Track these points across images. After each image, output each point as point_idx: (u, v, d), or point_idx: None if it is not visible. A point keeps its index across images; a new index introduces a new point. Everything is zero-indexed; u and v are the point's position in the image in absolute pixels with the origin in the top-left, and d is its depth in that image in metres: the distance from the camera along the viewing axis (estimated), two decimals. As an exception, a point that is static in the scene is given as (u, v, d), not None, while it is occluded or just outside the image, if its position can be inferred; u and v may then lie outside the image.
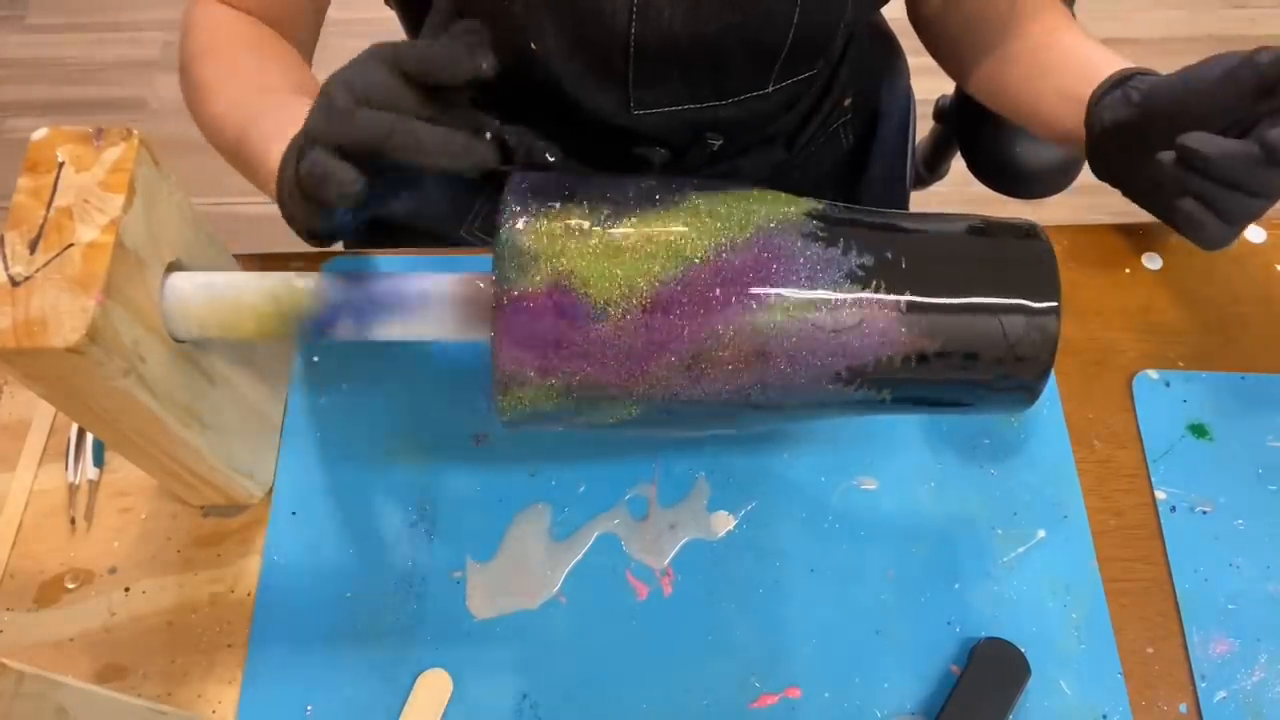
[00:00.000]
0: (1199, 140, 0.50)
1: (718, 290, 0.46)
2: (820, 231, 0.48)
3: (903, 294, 0.47)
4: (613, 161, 0.72)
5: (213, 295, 0.49)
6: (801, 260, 0.47)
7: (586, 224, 0.46)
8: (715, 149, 0.71)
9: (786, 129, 0.76)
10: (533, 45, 0.61)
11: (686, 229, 0.46)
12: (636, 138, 0.69)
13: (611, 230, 0.46)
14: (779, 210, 0.48)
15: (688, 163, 0.72)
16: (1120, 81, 0.57)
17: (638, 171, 0.73)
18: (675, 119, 0.67)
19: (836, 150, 0.83)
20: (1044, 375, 0.49)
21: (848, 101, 0.80)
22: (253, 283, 0.49)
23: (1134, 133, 0.55)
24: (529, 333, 0.45)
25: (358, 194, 0.42)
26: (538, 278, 0.45)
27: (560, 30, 0.61)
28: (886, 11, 0.87)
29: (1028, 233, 0.51)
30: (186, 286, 0.49)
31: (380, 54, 0.44)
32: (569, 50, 0.62)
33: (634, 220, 0.46)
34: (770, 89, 0.67)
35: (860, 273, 0.47)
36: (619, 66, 0.62)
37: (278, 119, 0.52)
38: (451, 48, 0.43)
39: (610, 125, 0.67)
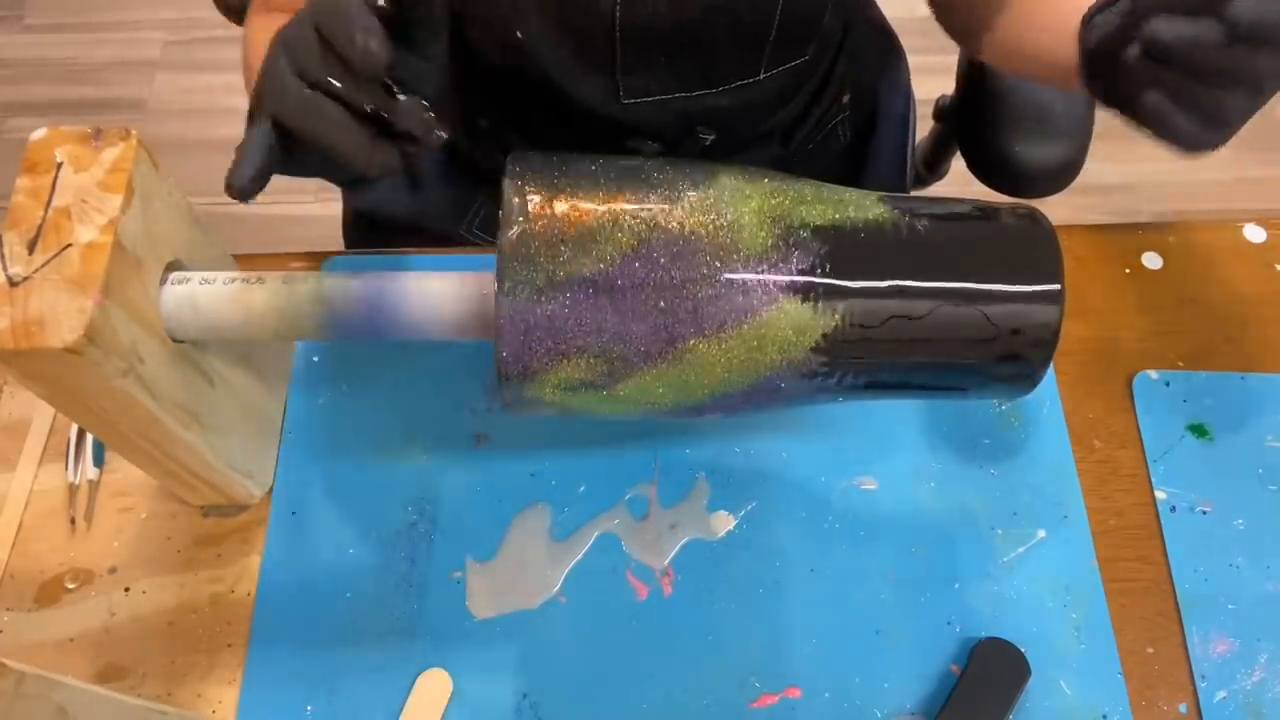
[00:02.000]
0: (1157, 25, 0.46)
1: (713, 414, 0.51)
2: (821, 367, 0.48)
3: (902, 282, 0.48)
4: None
5: (211, 295, 0.49)
6: (799, 391, 0.50)
7: (588, 380, 0.47)
8: (708, 143, 0.70)
9: (783, 124, 0.76)
10: (518, 34, 0.61)
11: (687, 381, 0.48)
12: (627, 130, 0.69)
13: (611, 388, 0.48)
14: (786, 355, 0.48)
15: (679, 156, 0.72)
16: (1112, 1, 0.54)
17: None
18: (666, 109, 0.67)
19: (834, 147, 0.82)
20: (1046, 361, 0.49)
21: (845, 98, 0.80)
22: (252, 283, 0.49)
23: (1121, 41, 0.51)
24: (536, 412, 0.51)
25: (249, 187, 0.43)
26: (544, 409, 0.50)
27: (544, 17, 0.60)
28: (888, 9, 0.87)
29: (1028, 217, 0.50)
30: (185, 286, 0.49)
31: (311, 16, 0.44)
32: (554, 37, 0.61)
33: (636, 377, 0.47)
34: (762, 75, 0.66)
35: (852, 393, 0.50)
36: (605, 53, 0.62)
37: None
38: (362, 23, 0.42)
39: (601, 117, 0.67)
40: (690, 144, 0.70)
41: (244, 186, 0.44)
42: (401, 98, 0.44)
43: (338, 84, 0.42)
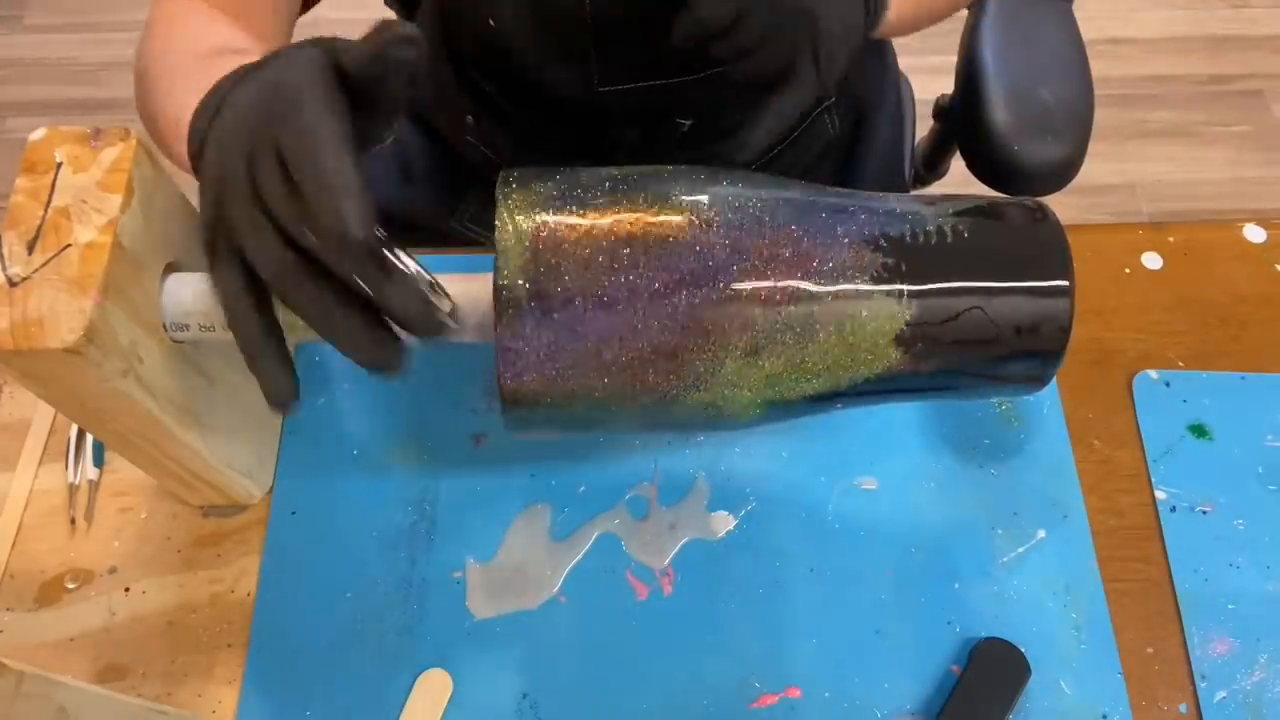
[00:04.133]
0: None
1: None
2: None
3: (909, 280, 0.47)
4: (580, 149, 0.72)
5: (211, 296, 0.49)
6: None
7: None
8: (686, 129, 0.70)
9: (763, 114, 0.75)
10: (490, 22, 0.61)
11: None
12: (605, 118, 0.68)
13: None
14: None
15: (658, 146, 0.71)
16: None
17: (606, 157, 0.72)
18: (642, 96, 0.66)
19: (823, 137, 0.82)
20: (1056, 359, 0.49)
21: None
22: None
23: None
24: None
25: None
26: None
27: (517, 5, 0.60)
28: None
29: (1036, 212, 0.50)
30: (185, 287, 0.49)
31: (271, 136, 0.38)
32: (527, 26, 0.61)
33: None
34: None
35: (857, 403, 0.52)
36: (579, 40, 0.62)
37: (185, 87, 0.47)
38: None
39: (577, 105, 0.67)
40: (668, 131, 0.70)
41: (288, 400, 0.41)
42: (401, 265, 0.38)
43: (314, 247, 0.37)
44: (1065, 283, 0.47)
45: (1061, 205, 0.53)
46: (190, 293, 0.49)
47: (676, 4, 0.59)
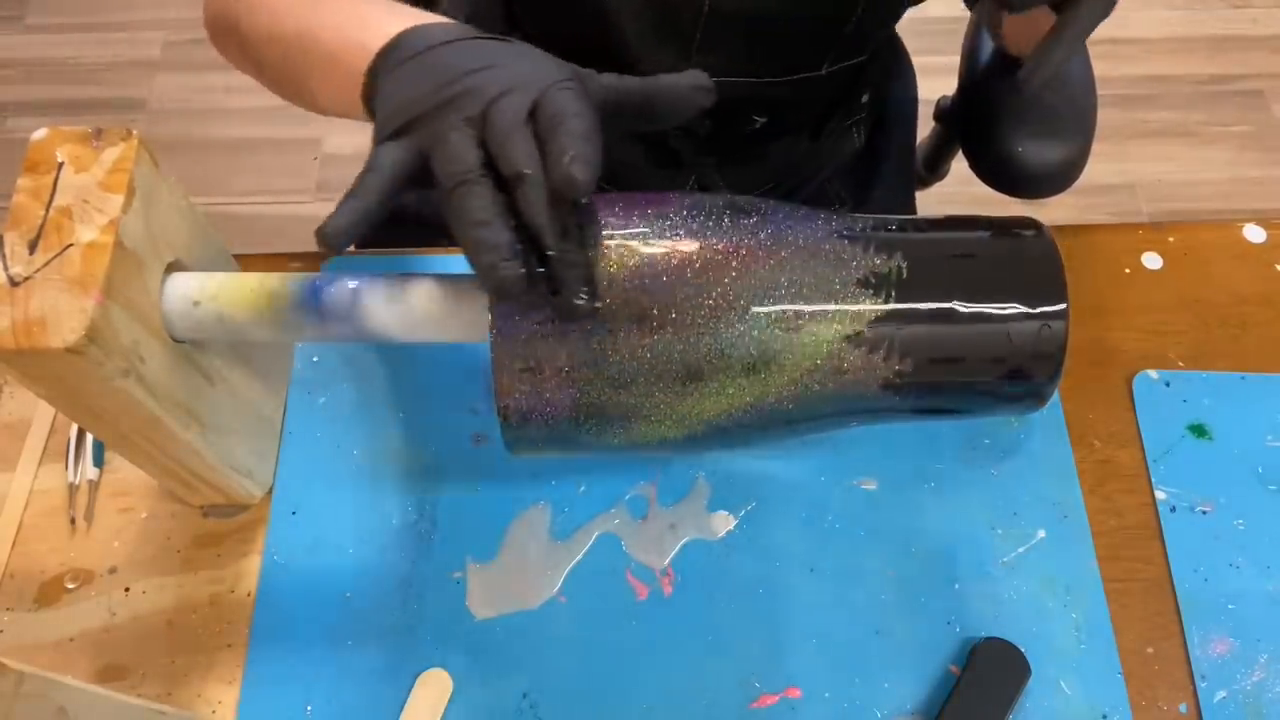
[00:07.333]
0: None
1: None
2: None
3: (905, 303, 0.47)
4: (644, 133, 0.72)
5: (212, 295, 0.49)
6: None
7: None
8: (757, 127, 0.71)
9: (811, 120, 0.76)
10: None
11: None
12: None
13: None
14: None
15: (726, 139, 0.73)
16: None
17: (668, 143, 0.73)
18: (729, 92, 0.67)
19: (848, 147, 0.83)
20: (1054, 379, 0.49)
21: (865, 98, 0.81)
22: (252, 283, 0.49)
23: None
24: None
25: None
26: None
27: None
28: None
29: (1030, 231, 0.50)
30: (186, 286, 0.49)
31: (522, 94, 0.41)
32: (639, 7, 0.61)
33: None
34: (823, 70, 0.67)
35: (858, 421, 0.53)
36: (687, 27, 0.62)
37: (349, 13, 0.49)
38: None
39: None
40: (740, 126, 0.71)
41: (339, 230, 0.40)
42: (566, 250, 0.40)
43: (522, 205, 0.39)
44: (1061, 305, 0.47)
45: (1061, 205, 0.53)
46: (192, 293, 0.49)
47: (790, 6, 0.60)
